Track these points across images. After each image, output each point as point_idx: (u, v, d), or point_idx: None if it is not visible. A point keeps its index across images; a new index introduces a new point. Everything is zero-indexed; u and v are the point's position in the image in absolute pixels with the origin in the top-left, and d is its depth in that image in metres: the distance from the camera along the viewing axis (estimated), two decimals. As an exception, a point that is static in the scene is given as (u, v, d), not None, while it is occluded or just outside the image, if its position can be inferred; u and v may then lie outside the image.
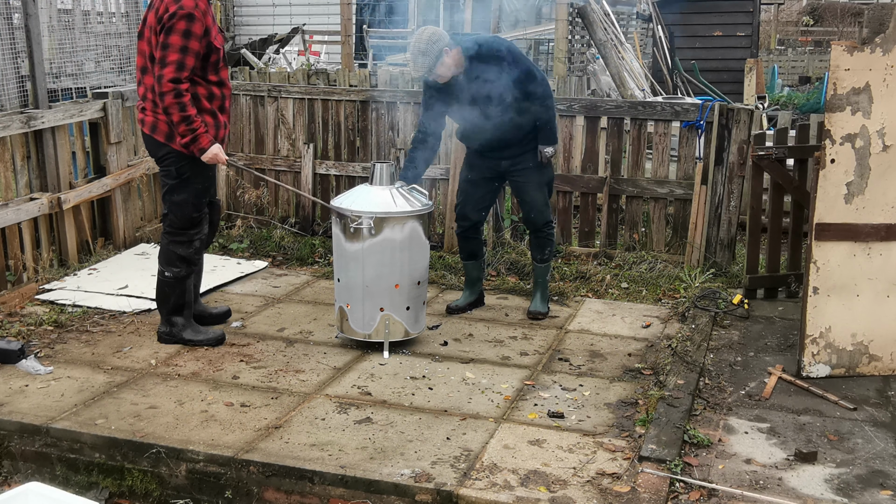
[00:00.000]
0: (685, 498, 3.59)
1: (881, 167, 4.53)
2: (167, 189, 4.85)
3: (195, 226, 4.92)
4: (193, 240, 4.93)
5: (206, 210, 4.96)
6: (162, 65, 4.53)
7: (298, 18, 15.91)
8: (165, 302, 4.99)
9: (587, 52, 13.48)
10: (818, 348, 4.68)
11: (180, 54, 4.53)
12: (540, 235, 5.55)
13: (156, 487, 3.90)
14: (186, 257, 4.92)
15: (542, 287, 5.64)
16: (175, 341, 5.00)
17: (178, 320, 5.01)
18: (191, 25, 4.53)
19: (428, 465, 3.75)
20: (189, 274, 4.97)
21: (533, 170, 5.38)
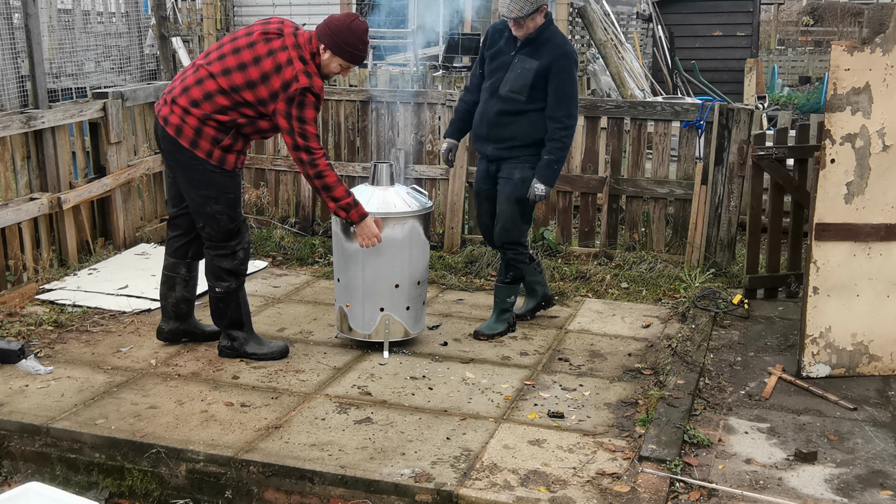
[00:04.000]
0: (685, 498, 3.59)
1: (881, 167, 4.53)
2: (198, 201, 4.62)
3: (234, 237, 4.70)
4: (237, 251, 4.72)
5: (243, 218, 4.76)
6: (304, 138, 4.45)
7: (298, 18, 15.87)
8: (222, 317, 4.82)
9: (587, 52, 13.48)
10: (818, 348, 4.68)
11: (315, 126, 4.49)
12: (503, 255, 5.27)
13: (156, 487, 3.90)
14: (232, 270, 4.73)
15: (499, 307, 5.33)
16: (237, 355, 4.84)
17: (239, 334, 4.84)
18: (318, 102, 4.49)
19: (428, 465, 3.75)
20: (240, 285, 4.78)
21: (505, 181, 5.11)
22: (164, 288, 4.91)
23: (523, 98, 4.97)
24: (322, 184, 4.53)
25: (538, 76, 4.92)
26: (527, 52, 4.96)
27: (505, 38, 5.07)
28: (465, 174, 6.86)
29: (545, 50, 4.93)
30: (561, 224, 6.80)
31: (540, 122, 5.01)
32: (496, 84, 5.05)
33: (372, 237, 4.67)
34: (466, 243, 6.93)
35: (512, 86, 4.97)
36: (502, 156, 5.12)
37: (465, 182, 6.87)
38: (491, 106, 5.07)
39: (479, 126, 5.18)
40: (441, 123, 6.98)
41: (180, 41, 13.05)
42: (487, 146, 5.17)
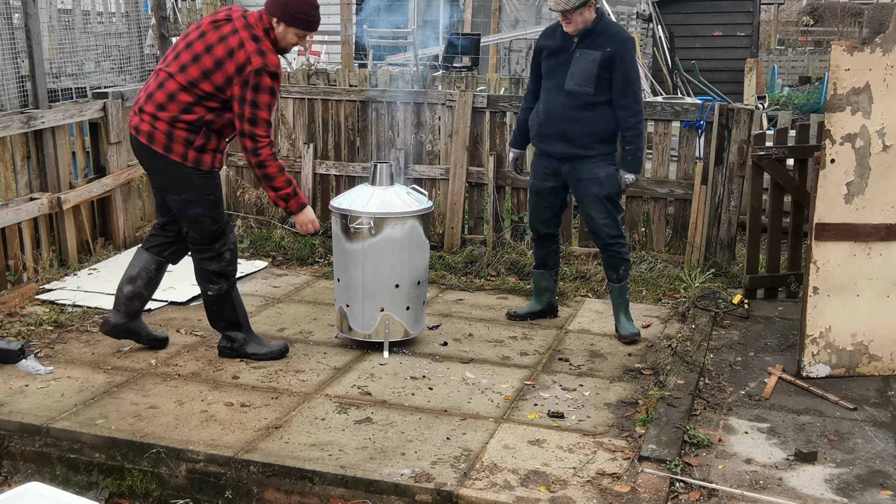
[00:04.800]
0: (685, 498, 3.59)
1: (881, 167, 4.53)
2: (180, 206, 4.60)
3: (218, 238, 4.68)
4: (223, 252, 4.70)
5: (226, 219, 4.74)
6: (253, 123, 4.39)
7: (298, 18, 15.86)
8: (218, 319, 4.81)
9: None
10: (818, 348, 4.68)
11: (269, 111, 4.43)
12: (608, 252, 5.23)
13: (156, 487, 3.90)
14: (221, 272, 4.71)
15: (623, 307, 5.31)
16: (237, 355, 4.84)
17: (237, 335, 4.84)
18: (276, 83, 4.41)
19: (428, 465, 3.75)
20: (231, 286, 4.76)
21: (590, 181, 5.09)
22: (125, 278, 4.82)
23: (591, 90, 4.96)
24: (263, 173, 4.50)
25: (602, 66, 4.92)
26: (586, 44, 4.97)
27: (558, 37, 5.08)
28: (465, 174, 6.86)
29: (605, 39, 4.95)
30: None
31: (610, 114, 5.02)
32: (560, 80, 5.04)
33: (308, 224, 4.68)
34: (466, 243, 6.93)
35: (578, 79, 4.97)
36: (578, 154, 5.08)
37: (465, 182, 6.87)
38: (557, 102, 5.06)
39: (545, 124, 5.14)
40: (441, 123, 6.99)
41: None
42: (557, 144, 5.12)
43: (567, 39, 5.04)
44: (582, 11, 4.89)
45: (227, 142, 4.67)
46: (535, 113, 5.21)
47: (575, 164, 5.10)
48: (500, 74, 12.75)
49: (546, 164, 5.22)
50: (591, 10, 4.93)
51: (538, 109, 5.19)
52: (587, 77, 4.96)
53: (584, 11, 4.90)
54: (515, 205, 6.96)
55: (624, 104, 4.98)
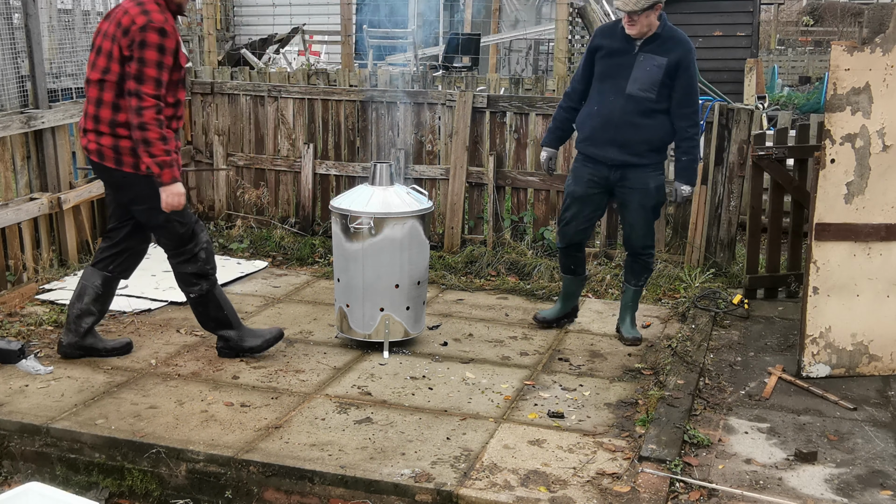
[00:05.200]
0: (685, 498, 3.59)
1: (881, 167, 4.53)
2: (145, 216, 4.56)
3: (190, 240, 4.63)
4: (196, 253, 4.65)
5: (195, 220, 4.68)
6: (139, 81, 4.27)
7: (298, 18, 15.92)
8: (206, 319, 4.80)
9: (587, 52, 13.46)
10: (818, 348, 4.68)
11: (157, 69, 4.30)
12: (637, 260, 5.19)
13: (156, 487, 3.90)
14: (198, 272, 4.68)
15: (632, 311, 5.28)
16: (237, 353, 4.83)
17: (230, 334, 4.81)
18: (164, 40, 4.30)
19: (428, 465, 3.75)
20: (212, 286, 4.73)
21: (640, 191, 4.98)
22: (73, 297, 4.77)
23: (653, 96, 4.83)
24: (142, 137, 4.31)
25: (667, 73, 4.80)
26: (651, 48, 4.83)
27: (619, 38, 4.91)
28: (465, 174, 6.86)
29: (671, 45, 4.82)
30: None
31: (666, 123, 4.91)
32: (620, 83, 4.88)
33: (175, 198, 4.44)
34: (466, 243, 6.93)
35: (641, 84, 4.83)
36: (631, 162, 4.93)
37: (465, 182, 6.87)
38: (617, 107, 4.88)
39: (600, 129, 4.94)
40: (441, 123, 6.99)
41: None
42: (610, 150, 4.94)
43: (629, 41, 4.88)
44: (648, 14, 4.75)
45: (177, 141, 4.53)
46: (588, 116, 5.01)
47: (626, 171, 4.95)
48: (500, 74, 12.74)
49: (594, 171, 5.02)
50: (656, 13, 4.79)
51: (591, 112, 4.98)
52: (651, 83, 4.82)
53: (650, 14, 4.76)
54: (515, 205, 6.96)
55: (684, 114, 4.87)
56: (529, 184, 6.82)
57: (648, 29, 4.81)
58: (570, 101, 5.15)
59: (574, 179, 5.13)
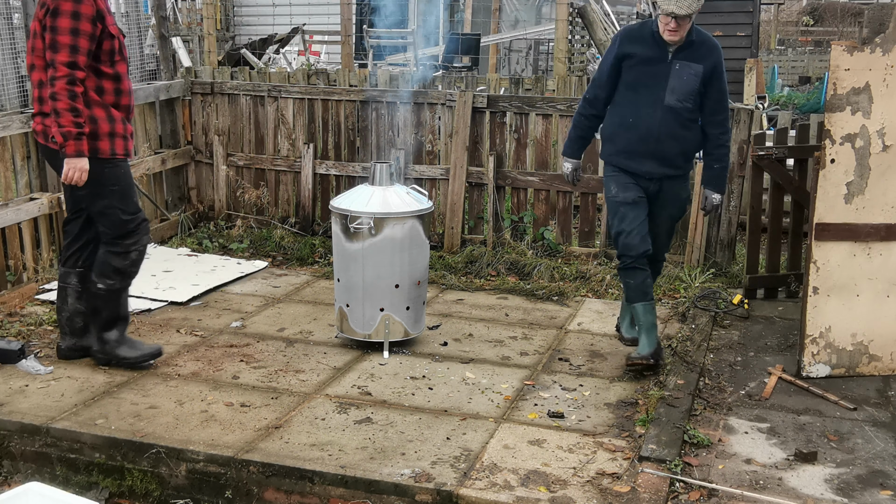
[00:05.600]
0: (685, 498, 3.59)
1: (881, 167, 4.53)
2: (86, 200, 4.46)
3: (129, 235, 4.52)
4: (130, 251, 4.54)
5: (142, 218, 4.57)
6: (53, 49, 4.15)
7: (298, 18, 15.93)
8: (98, 315, 4.62)
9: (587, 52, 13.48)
10: (818, 348, 4.68)
11: (72, 36, 4.15)
12: (656, 266, 5.05)
13: (156, 487, 3.90)
14: (121, 269, 4.55)
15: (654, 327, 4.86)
16: (109, 360, 4.65)
17: (111, 336, 4.64)
18: (78, 6, 4.16)
19: (428, 465, 3.75)
20: (124, 287, 4.62)
21: (672, 203, 4.82)
22: (58, 300, 4.74)
23: (690, 105, 4.61)
24: (53, 106, 4.20)
25: (703, 81, 4.59)
26: (685, 55, 4.59)
27: (650, 44, 4.61)
28: (465, 174, 6.86)
29: (705, 51, 4.61)
30: (561, 224, 6.80)
31: (700, 132, 4.72)
32: (657, 94, 4.60)
33: (77, 171, 4.27)
34: (466, 243, 6.93)
35: (679, 94, 4.58)
36: (669, 174, 4.73)
37: (465, 182, 6.87)
38: (656, 119, 4.61)
39: (637, 142, 4.67)
40: (441, 123, 6.99)
41: (180, 41, 13.06)
42: (648, 164, 4.69)
43: (662, 47, 4.59)
44: (691, 18, 4.50)
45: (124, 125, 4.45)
46: (621, 127, 4.71)
47: (664, 182, 4.74)
48: (500, 74, 12.74)
49: (635, 181, 4.75)
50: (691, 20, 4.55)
51: (625, 124, 4.69)
52: (689, 92, 4.58)
53: (690, 21, 4.52)
54: (515, 205, 6.96)
55: (718, 121, 4.69)
56: (529, 184, 6.82)
57: (682, 38, 4.58)
58: (594, 109, 4.83)
59: (619, 186, 4.76)
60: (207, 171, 7.52)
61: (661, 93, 4.60)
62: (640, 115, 4.64)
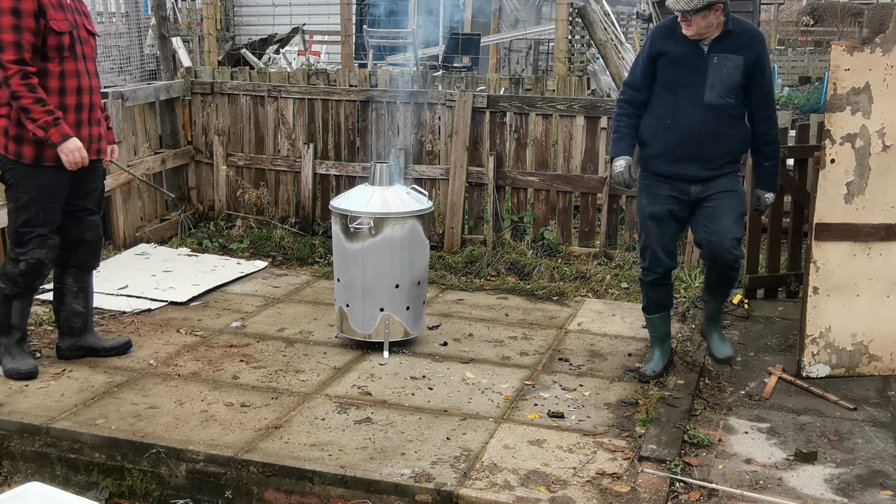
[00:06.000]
0: (685, 498, 3.59)
1: (881, 167, 4.53)
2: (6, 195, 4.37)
3: (21, 245, 4.37)
4: (19, 259, 4.38)
5: (38, 232, 4.38)
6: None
7: (298, 18, 15.93)
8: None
9: (587, 52, 13.48)
10: (818, 348, 4.68)
11: (14, 33, 4.07)
12: (731, 273, 4.57)
13: (156, 487, 3.90)
14: (10, 274, 4.41)
15: (720, 326, 4.75)
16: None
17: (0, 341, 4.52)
18: (18, 3, 4.09)
19: (428, 465, 3.75)
20: (16, 295, 4.46)
21: (729, 194, 4.44)
22: (55, 301, 4.71)
23: (734, 101, 4.34)
24: (18, 105, 4.15)
25: (745, 73, 4.31)
26: (724, 47, 4.30)
27: (682, 40, 4.35)
28: (465, 174, 6.86)
29: (746, 41, 4.31)
30: (561, 224, 6.80)
31: (746, 129, 4.45)
32: (696, 92, 4.34)
33: (75, 153, 4.25)
34: (466, 243, 6.93)
35: (720, 90, 4.31)
36: (713, 175, 4.43)
37: (465, 182, 6.87)
38: (696, 119, 4.34)
39: (676, 145, 4.40)
40: (441, 123, 6.99)
41: (180, 41, 13.07)
42: (688, 166, 4.41)
43: (695, 42, 4.34)
44: (706, 15, 4.22)
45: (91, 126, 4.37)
46: (659, 130, 4.46)
47: (708, 183, 4.44)
48: (500, 74, 12.74)
49: (672, 187, 4.48)
50: (717, 13, 4.23)
51: (663, 126, 4.43)
52: (730, 87, 4.31)
53: (707, 15, 4.22)
54: (515, 205, 6.96)
55: (765, 115, 4.42)
56: (529, 184, 6.82)
57: (707, 30, 4.29)
58: (634, 108, 4.55)
59: (649, 198, 4.55)
60: (207, 171, 7.52)
61: (701, 90, 4.33)
62: (679, 116, 4.39)
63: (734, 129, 4.41)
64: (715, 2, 4.18)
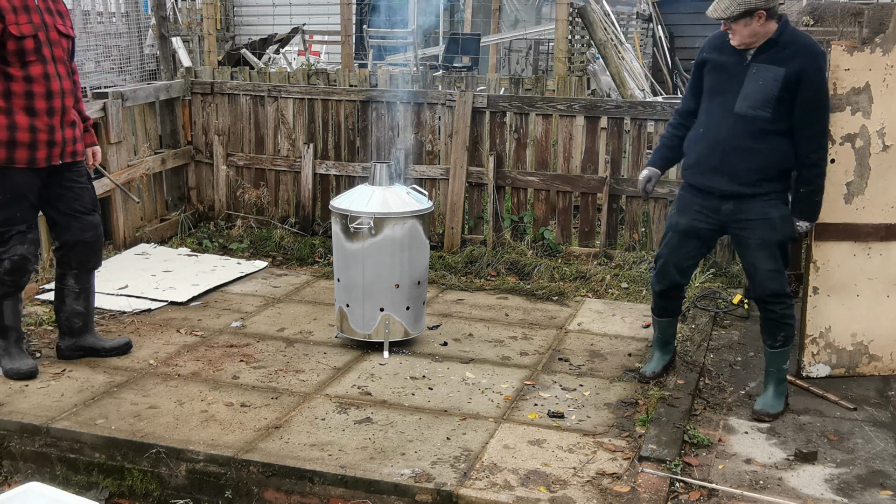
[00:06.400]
0: (685, 498, 3.59)
1: (881, 167, 4.53)
2: None
3: (2, 243, 4.38)
4: (2, 258, 4.40)
5: (16, 229, 4.39)
6: None
7: (298, 18, 15.92)
8: None
9: (587, 52, 13.47)
10: (818, 348, 4.68)
11: None
12: (767, 312, 4.30)
13: (156, 487, 3.90)
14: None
15: (775, 379, 4.35)
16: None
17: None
18: None
19: (428, 465, 3.75)
20: (3, 295, 4.47)
21: (760, 223, 4.17)
22: (56, 301, 4.72)
23: (768, 115, 4.08)
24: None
25: (786, 86, 4.04)
26: (766, 57, 4.09)
27: (728, 48, 4.19)
28: (465, 174, 6.86)
29: (792, 52, 4.06)
30: (561, 224, 6.80)
31: (787, 147, 4.13)
32: (729, 101, 4.16)
33: None
34: (466, 243, 6.93)
35: (753, 100, 4.10)
36: (744, 193, 4.17)
37: (465, 182, 6.87)
38: (724, 128, 4.17)
39: (706, 155, 4.24)
40: (441, 123, 6.99)
41: (180, 41, 13.07)
42: (716, 179, 4.21)
43: (740, 51, 4.16)
44: (748, 22, 4.02)
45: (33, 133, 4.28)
46: (694, 139, 4.33)
47: (741, 202, 4.19)
48: (500, 74, 12.74)
49: (703, 202, 4.29)
50: (760, 21, 4.02)
51: (697, 135, 4.31)
52: (765, 98, 4.07)
53: (749, 22, 4.02)
54: (515, 205, 6.96)
55: (807, 135, 4.11)
56: (529, 184, 6.82)
57: (753, 38, 4.08)
58: (682, 117, 4.48)
59: (679, 210, 4.43)
60: (207, 171, 7.52)
61: (734, 99, 4.15)
62: (710, 125, 4.24)
63: (768, 145, 4.12)
64: (755, 8, 3.98)
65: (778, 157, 4.14)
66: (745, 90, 4.12)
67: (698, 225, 4.34)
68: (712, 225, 4.32)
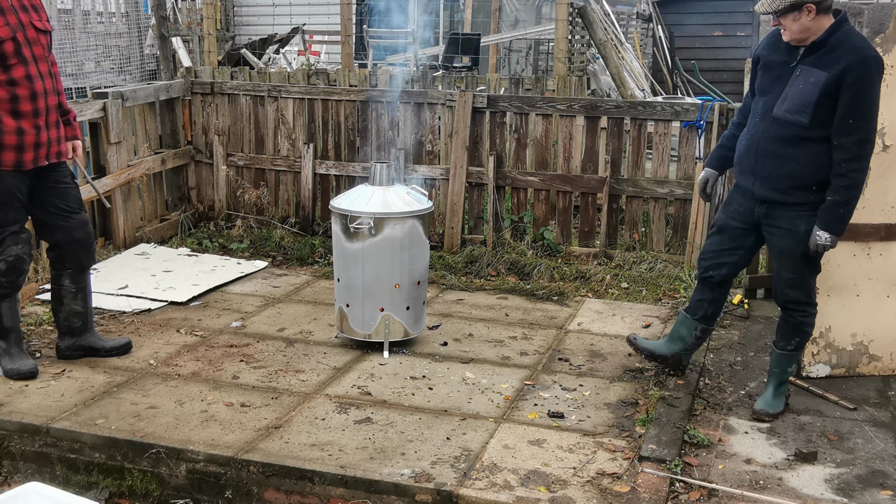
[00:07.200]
0: (685, 498, 3.59)
1: (881, 167, 4.52)
2: None
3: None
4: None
5: (13, 230, 4.41)
6: None
7: (298, 18, 15.92)
8: None
9: (587, 52, 13.47)
10: (818, 348, 4.68)
11: None
12: (787, 316, 4.25)
13: (156, 487, 3.90)
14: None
15: (777, 380, 4.31)
16: None
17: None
18: None
19: (428, 465, 3.75)
20: (3, 297, 4.48)
21: (787, 233, 4.09)
22: (54, 302, 4.73)
23: (805, 121, 3.92)
24: None
25: (826, 91, 3.86)
26: (812, 60, 3.92)
27: (782, 47, 4.05)
28: (465, 174, 6.86)
29: (838, 55, 3.86)
30: (561, 224, 6.80)
31: (825, 156, 3.94)
32: (770, 103, 4.05)
33: None
34: (466, 243, 6.93)
35: (791, 104, 3.95)
36: (775, 199, 4.08)
37: (465, 182, 6.87)
38: (761, 131, 4.07)
39: (744, 156, 4.18)
40: (441, 123, 6.99)
41: (180, 41, 13.06)
42: (753, 181, 4.13)
43: (791, 50, 4.01)
44: (796, 17, 3.85)
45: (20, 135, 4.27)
46: (740, 138, 4.27)
47: (772, 208, 4.11)
48: (500, 74, 12.73)
49: (742, 201, 4.25)
50: (811, 15, 3.84)
51: (743, 134, 4.25)
52: (803, 103, 3.91)
53: (798, 17, 3.85)
54: (515, 205, 6.96)
55: (843, 143, 3.88)
56: (529, 184, 6.82)
57: (805, 34, 3.91)
58: (740, 118, 4.40)
59: (724, 206, 4.40)
60: (207, 171, 7.52)
61: (775, 101, 4.03)
62: (752, 125, 4.16)
63: (803, 153, 3.97)
64: (803, 2, 3.81)
65: (815, 165, 3.97)
66: (785, 92, 4.00)
67: (734, 223, 4.30)
68: (747, 223, 4.26)
